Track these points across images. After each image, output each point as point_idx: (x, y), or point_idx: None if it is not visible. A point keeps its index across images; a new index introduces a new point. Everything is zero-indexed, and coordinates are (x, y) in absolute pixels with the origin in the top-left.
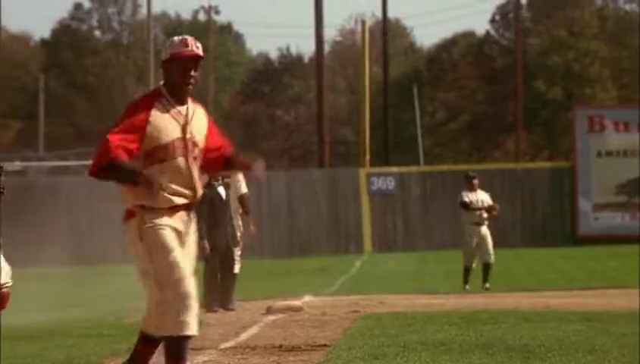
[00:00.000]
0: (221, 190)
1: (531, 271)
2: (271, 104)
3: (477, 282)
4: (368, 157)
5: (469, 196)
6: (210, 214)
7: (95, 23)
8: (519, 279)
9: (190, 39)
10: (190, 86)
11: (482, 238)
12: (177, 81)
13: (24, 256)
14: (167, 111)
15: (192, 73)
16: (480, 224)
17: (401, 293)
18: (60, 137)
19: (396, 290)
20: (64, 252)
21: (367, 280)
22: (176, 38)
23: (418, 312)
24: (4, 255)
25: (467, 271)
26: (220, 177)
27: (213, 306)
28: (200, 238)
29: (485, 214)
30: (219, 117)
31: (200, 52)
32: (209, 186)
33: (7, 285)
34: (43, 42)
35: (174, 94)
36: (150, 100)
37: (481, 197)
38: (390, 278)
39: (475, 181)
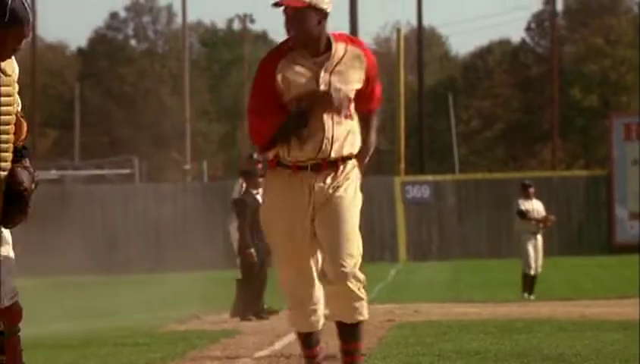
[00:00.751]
0: (259, 198)
1: (567, 280)
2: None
3: (516, 291)
4: (402, 165)
5: (525, 205)
6: (254, 221)
7: (130, 32)
8: (555, 288)
9: None
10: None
11: (536, 249)
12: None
13: (59, 264)
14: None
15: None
16: (536, 233)
17: (436, 301)
18: (95, 146)
19: (431, 298)
20: (99, 261)
21: (402, 288)
22: None
23: (453, 320)
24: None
25: (526, 278)
26: (257, 184)
27: (247, 315)
28: (246, 246)
29: (540, 225)
30: None
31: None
32: (247, 194)
33: (16, 301)
34: (79, 52)
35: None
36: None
37: (536, 206)
38: (425, 287)
39: (531, 189)
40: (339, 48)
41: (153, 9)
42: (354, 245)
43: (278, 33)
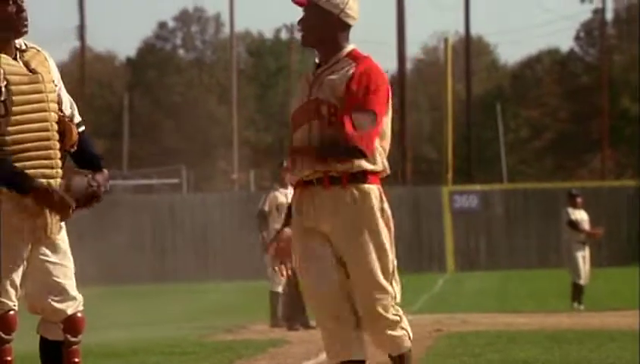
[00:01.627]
0: None
1: (616, 291)
2: None
3: (565, 301)
4: (450, 174)
5: (574, 214)
6: None
7: (178, 42)
8: (604, 298)
9: None
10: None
11: (584, 259)
12: None
13: (108, 273)
14: None
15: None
16: (585, 243)
17: (484, 311)
18: (143, 156)
19: (479, 308)
20: (147, 270)
21: (450, 298)
22: None
23: (501, 330)
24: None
25: (576, 287)
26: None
27: (294, 325)
28: None
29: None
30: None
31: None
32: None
33: (80, 311)
34: (128, 61)
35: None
36: None
37: (583, 216)
38: (473, 297)
39: (579, 199)
40: (341, 60)
41: (201, 19)
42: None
43: None
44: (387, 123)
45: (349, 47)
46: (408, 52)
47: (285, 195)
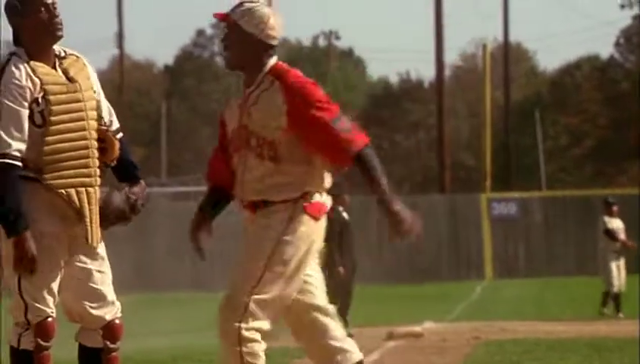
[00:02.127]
0: (346, 215)
1: None
2: (391, 129)
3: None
4: (489, 182)
5: (610, 223)
6: (341, 238)
7: (216, 49)
8: None
9: None
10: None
11: (619, 268)
12: None
13: (147, 280)
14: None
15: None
16: (620, 252)
17: (522, 319)
18: (181, 163)
19: (517, 316)
20: (185, 277)
21: (488, 306)
22: None
23: (540, 338)
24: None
25: (607, 295)
26: (344, 200)
27: None
28: (334, 265)
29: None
30: None
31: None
32: (336, 212)
33: (118, 317)
34: (166, 69)
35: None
36: None
37: (619, 224)
38: (511, 304)
39: (615, 208)
40: (265, 81)
41: None
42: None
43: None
44: None
45: (271, 62)
46: (446, 59)
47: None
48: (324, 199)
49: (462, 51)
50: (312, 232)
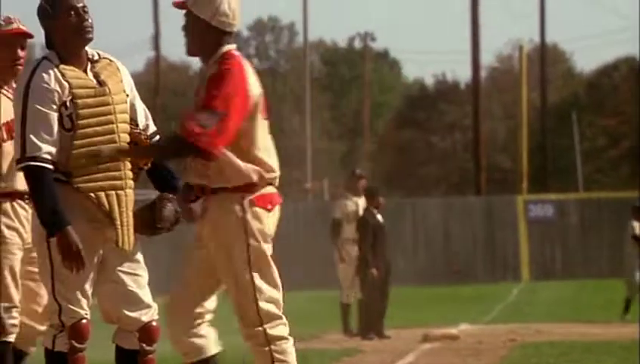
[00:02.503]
0: (381, 218)
1: None
2: (426, 130)
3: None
4: (525, 184)
5: (637, 228)
6: (373, 241)
7: (252, 51)
8: None
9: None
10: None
11: None
12: None
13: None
14: None
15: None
16: None
17: (559, 321)
18: None
19: (553, 318)
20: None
21: (524, 308)
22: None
23: (576, 341)
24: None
25: (630, 301)
26: (378, 202)
27: (368, 334)
28: (367, 267)
29: None
30: (374, 143)
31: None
32: (368, 213)
33: (154, 319)
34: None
35: None
36: None
37: None
38: (547, 306)
39: None
40: (212, 66)
41: (275, 28)
42: None
43: (400, 51)
44: (251, 127)
45: (225, 48)
46: (482, 60)
47: (356, 203)
48: (273, 191)
49: (499, 52)
50: (266, 224)
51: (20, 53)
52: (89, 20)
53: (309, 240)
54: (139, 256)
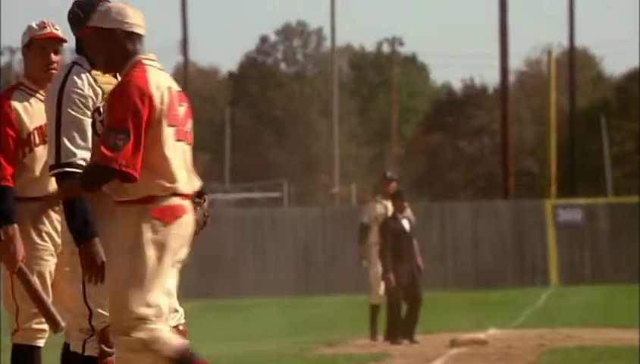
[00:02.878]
0: (405, 223)
1: None
2: (454, 135)
3: None
4: (554, 188)
5: None
6: (395, 246)
7: (280, 56)
8: None
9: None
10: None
11: None
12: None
13: (210, 287)
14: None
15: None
16: None
17: (589, 326)
18: (245, 170)
19: (583, 323)
20: (248, 283)
21: (553, 313)
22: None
23: (606, 346)
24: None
25: None
26: (403, 208)
27: (397, 339)
28: (386, 271)
29: None
30: (402, 148)
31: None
32: (394, 219)
33: (182, 323)
34: (230, 76)
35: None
36: None
37: None
38: (577, 311)
39: None
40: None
41: (303, 33)
42: None
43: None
44: (154, 136)
45: (135, 58)
46: (511, 65)
47: (385, 206)
48: (178, 202)
49: (527, 56)
50: (164, 236)
51: (54, 58)
52: None
53: (336, 245)
54: None
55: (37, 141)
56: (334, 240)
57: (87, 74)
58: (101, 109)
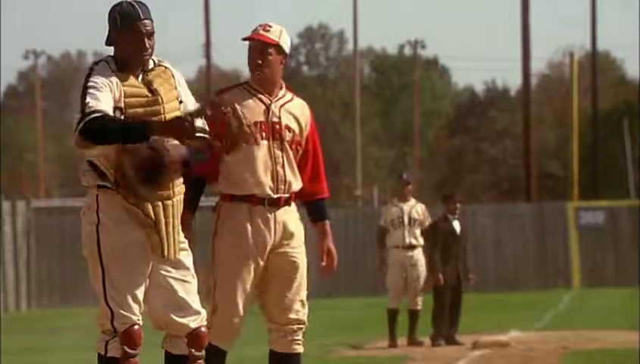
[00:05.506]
0: (456, 225)
1: None
2: (477, 137)
3: None
4: (576, 190)
5: None
6: (443, 246)
7: (302, 58)
8: None
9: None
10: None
11: None
12: None
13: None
14: None
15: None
16: None
17: (611, 329)
18: None
19: (606, 326)
20: None
21: (576, 315)
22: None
23: (629, 349)
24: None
25: None
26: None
27: (438, 340)
28: (433, 270)
29: None
30: (424, 150)
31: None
32: (442, 219)
33: (203, 325)
34: None
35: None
36: None
37: None
38: (600, 314)
39: None
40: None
41: (325, 36)
42: None
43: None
44: None
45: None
46: (533, 67)
47: (401, 209)
48: None
49: (549, 59)
50: None
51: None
52: (150, 46)
53: (359, 247)
54: (189, 263)
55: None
56: (356, 241)
57: (112, 73)
58: (122, 109)
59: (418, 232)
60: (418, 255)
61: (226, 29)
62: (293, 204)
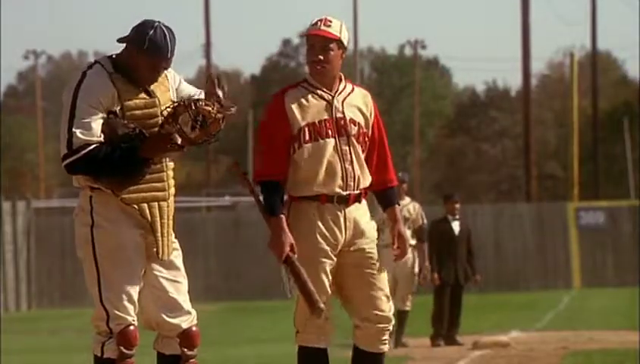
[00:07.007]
0: (455, 226)
1: None
2: (477, 137)
3: None
4: (576, 191)
5: None
6: (440, 247)
7: (302, 59)
8: None
9: None
10: None
11: None
12: None
13: (233, 289)
14: None
15: None
16: None
17: (611, 329)
18: None
19: (606, 326)
20: (271, 286)
21: (576, 315)
22: None
23: (629, 349)
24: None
25: None
26: (456, 211)
27: (437, 340)
28: (431, 270)
29: None
30: (425, 150)
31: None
32: (441, 219)
33: (194, 324)
34: (253, 79)
35: None
36: None
37: None
38: (600, 314)
39: None
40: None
41: None
42: None
43: (450, 59)
44: None
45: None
46: (533, 68)
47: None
48: None
49: (550, 59)
50: None
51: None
52: (157, 77)
53: None
54: (180, 264)
55: (307, 137)
56: None
57: (107, 76)
58: (118, 112)
59: (409, 231)
60: (409, 254)
61: (226, 29)
62: (363, 200)
